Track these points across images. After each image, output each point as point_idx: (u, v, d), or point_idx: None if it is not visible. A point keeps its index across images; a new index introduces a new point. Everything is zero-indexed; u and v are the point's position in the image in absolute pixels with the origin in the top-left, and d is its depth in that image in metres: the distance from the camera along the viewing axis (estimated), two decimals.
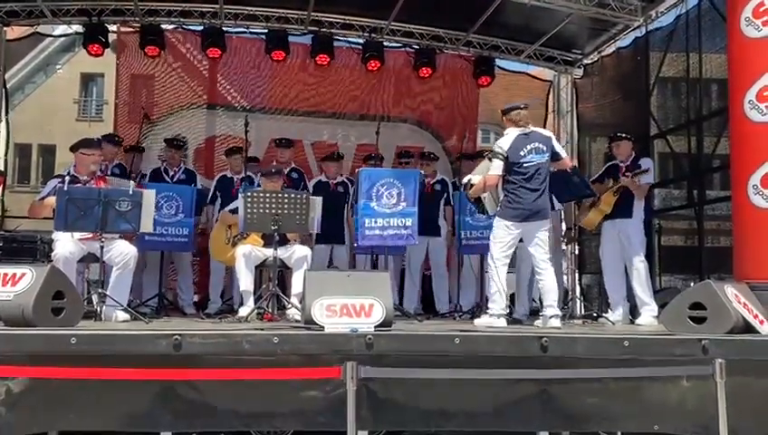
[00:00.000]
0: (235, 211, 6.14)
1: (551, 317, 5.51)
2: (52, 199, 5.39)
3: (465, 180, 6.24)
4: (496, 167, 5.65)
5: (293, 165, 7.85)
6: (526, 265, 7.51)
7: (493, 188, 5.79)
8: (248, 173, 7.49)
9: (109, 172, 7.12)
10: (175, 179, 7.45)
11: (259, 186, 6.87)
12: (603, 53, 9.65)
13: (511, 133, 5.72)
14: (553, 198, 7.21)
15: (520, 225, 5.60)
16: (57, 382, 3.63)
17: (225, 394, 3.87)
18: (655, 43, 8.62)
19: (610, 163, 7.02)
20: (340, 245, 7.53)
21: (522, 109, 5.82)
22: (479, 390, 4.10)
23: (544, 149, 5.68)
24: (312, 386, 3.87)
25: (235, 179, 7.48)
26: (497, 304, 5.56)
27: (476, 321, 5.81)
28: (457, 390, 4.09)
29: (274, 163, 7.65)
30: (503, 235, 5.62)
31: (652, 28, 8.63)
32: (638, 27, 8.74)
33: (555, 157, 5.81)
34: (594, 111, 9.83)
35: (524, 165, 5.60)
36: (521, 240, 5.78)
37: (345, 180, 7.78)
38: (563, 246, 8.72)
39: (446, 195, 7.72)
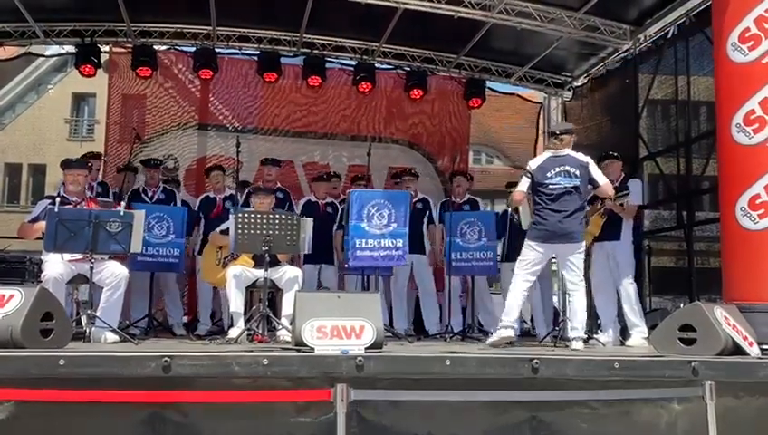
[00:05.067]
0: (225, 232, 6.13)
1: (573, 339, 5.59)
2: (42, 224, 5.35)
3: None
4: (522, 183, 5.81)
5: (279, 184, 7.85)
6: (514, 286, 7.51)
7: (521, 204, 5.94)
8: (231, 192, 7.47)
9: (93, 191, 7.10)
10: (154, 199, 7.41)
11: (246, 205, 6.88)
12: (593, 76, 9.75)
13: (544, 154, 5.85)
14: None
15: (544, 245, 5.67)
16: (45, 405, 3.60)
17: (214, 417, 3.84)
18: (644, 66, 8.72)
19: None
20: (329, 265, 7.53)
21: (555, 136, 5.87)
22: (470, 412, 4.09)
23: (577, 173, 5.68)
24: (302, 409, 3.85)
25: (218, 199, 7.46)
26: (507, 316, 5.66)
27: (489, 340, 5.85)
28: (449, 412, 4.08)
29: (260, 183, 7.66)
30: (526, 253, 5.72)
31: (641, 51, 8.73)
32: (627, 50, 8.85)
33: (592, 183, 5.79)
34: (584, 133, 9.88)
35: (549, 186, 5.67)
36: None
37: (333, 201, 7.79)
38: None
39: (428, 213, 7.73)
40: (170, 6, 8.83)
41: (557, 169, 5.70)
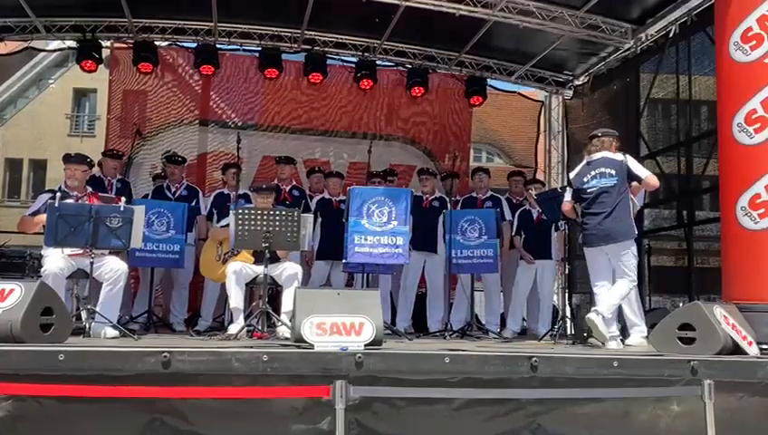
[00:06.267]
0: (226, 227, 6.13)
1: (593, 311, 5.70)
2: (43, 217, 5.35)
3: None
4: (566, 195, 5.99)
5: (294, 182, 7.88)
6: (526, 284, 7.56)
7: (571, 214, 6.07)
8: (246, 191, 7.49)
9: (113, 189, 7.13)
10: (177, 196, 7.47)
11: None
12: (594, 75, 9.74)
13: (582, 162, 5.93)
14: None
15: (592, 249, 5.74)
16: (44, 400, 3.60)
17: (213, 413, 3.84)
18: (645, 65, 8.71)
19: None
20: (339, 262, 7.53)
21: (596, 138, 5.92)
22: (469, 409, 4.10)
23: (612, 173, 5.70)
24: (301, 405, 3.85)
25: (232, 196, 7.49)
26: (611, 327, 5.74)
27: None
28: (448, 409, 4.08)
29: (276, 181, 7.68)
30: (588, 261, 5.86)
31: (642, 50, 8.72)
32: (629, 49, 8.84)
33: (634, 178, 5.74)
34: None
35: (587, 190, 5.76)
36: None
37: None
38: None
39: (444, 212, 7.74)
40: (172, 2, 8.84)
41: (592, 173, 5.77)
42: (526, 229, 7.56)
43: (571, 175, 6.00)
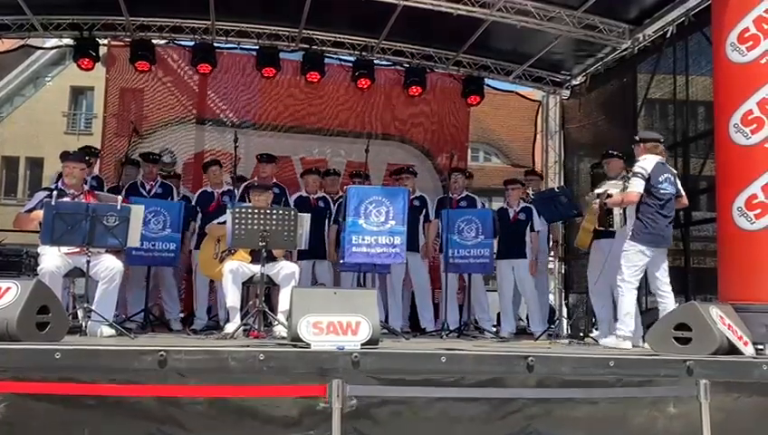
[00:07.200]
0: (223, 223, 6.13)
1: None
2: (39, 213, 5.34)
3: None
4: (638, 185, 5.71)
5: (275, 180, 7.87)
6: (508, 283, 7.57)
7: (629, 205, 5.86)
8: (229, 187, 7.47)
9: (87, 185, 7.10)
10: (151, 193, 7.44)
11: (243, 200, 6.88)
12: (591, 75, 9.74)
13: (650, 159, 5.82)
14: (535, 218, 7.34)
15: (653, 250, 5.70)
16: (41, 398, 3.59)
17: (209, 412, 3.84)
18: (642, 66, 8.71)
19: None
20: (322, 260, 7.54)
21: (660, 142, 5.95)
22: (465, 408, 4.10)
23: (675, 182, 5.84)
24: (297, 404, 3.86)
25: (216, 194, 7.48)
26: (626, 325, 5.66)
27: (603, 341, 6.03)
28: (443, 409, 4.09)
29: (256, 179, 7.67)
30: (636, 259, 5.71)
31: (639, 50, 8.73)
32: (626, 50, 8.84)
33: (678, 193, 5.89)
34: (581, 132, 9.92)
35: (661, 191, 5.72)
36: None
37: (325, 195, 7.80)
38: (549, 265, 8.75)
39: (425, 211, 7.75)
40: (169, 1, 8.82)
41: (665, 176, 5.78)
42: (502, 228, 7.56)
43: (648, 168, 5.72)
